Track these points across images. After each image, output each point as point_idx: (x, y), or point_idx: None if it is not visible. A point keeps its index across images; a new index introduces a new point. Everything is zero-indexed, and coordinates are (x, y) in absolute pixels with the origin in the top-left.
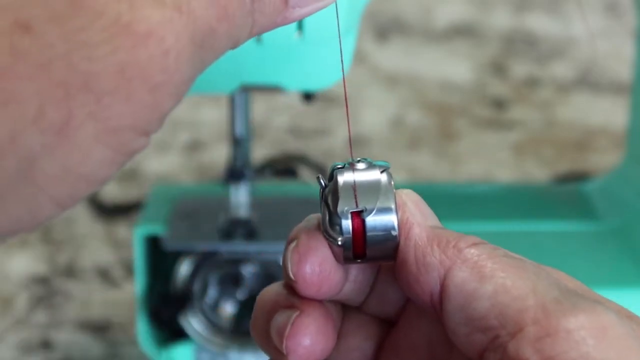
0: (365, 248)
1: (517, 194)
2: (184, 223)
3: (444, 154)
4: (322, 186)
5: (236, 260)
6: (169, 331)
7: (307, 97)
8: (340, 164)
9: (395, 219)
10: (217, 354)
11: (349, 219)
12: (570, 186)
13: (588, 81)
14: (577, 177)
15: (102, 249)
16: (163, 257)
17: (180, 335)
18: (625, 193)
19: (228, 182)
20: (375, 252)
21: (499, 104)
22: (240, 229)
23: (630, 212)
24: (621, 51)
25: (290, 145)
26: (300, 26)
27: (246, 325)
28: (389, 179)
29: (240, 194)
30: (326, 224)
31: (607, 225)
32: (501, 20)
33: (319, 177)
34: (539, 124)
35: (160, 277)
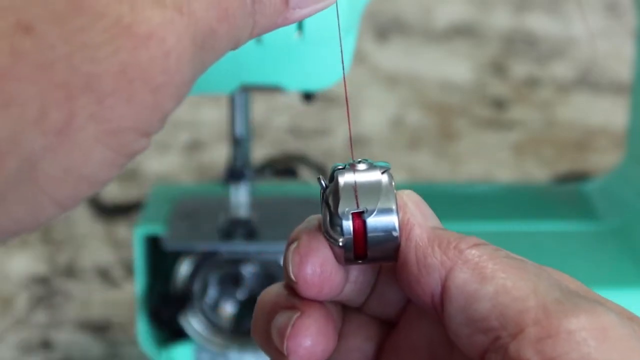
0: (366, 249)
1: (517, 194)
2: (184, 223)
3: (444, 154)
4: (323, 187)
5: (236, 260)
6: (169, 331)
7: (307, 97)
8: (341, 164)
9: (396, 219)
10: (217, 354)
11: (350, 219)
12: (570, 186)
13: (588, 81)
14: (577, 177)
15: (102, 249)
16: (163, 257)
17: (180, 335)
18: (625, 193)
19: (228, 182)
20: (376, 253)
21: (499, 104)
22: (240, 229)
23: (630, 212)
24: (621, 51)
25: (290, 145)
26: (300, 26)
27: (246, 325)
28: (389, 179)
29: (240, 194)
30: (327, 224)
31: (607, 225)
32: (501, 20)
33: (319, 178)
34: (539, 124)
35: (160, 277)
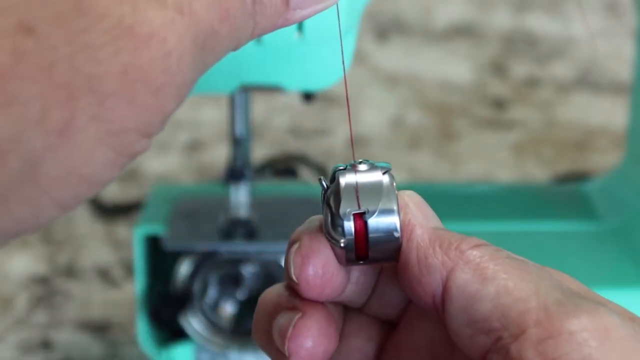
0: (367, 250)
1: (517, 194)
2: (184, 223)
3: (444, 154)
4: (324, 188)
5: (236, 260)
6: (169, 331)
7: (307, 97)
8: (342, 165)
9: (398, 220)
10: (217, 354)
11: (351, 220)
12: (570, 186)
13: (588, 81)
14: (577, 177)
15: (102, 249)
16: (163, 257)
17: (180, 335)
18: (625, 193)
19: (228, 182)
20: (378, 253)
21: (499, 104)
22: (240, 229)
23: (630, 212)
24: (621, 51)
25: (290, 145)
26: (300, 26)
27: (246, 325)
28: (391, 180)
29: (240, 194)
30: (328, 225)
31: (607, 225)
32: (501, 20)
33: (321, 179)
34: (539, 124)
35: (160, 277)
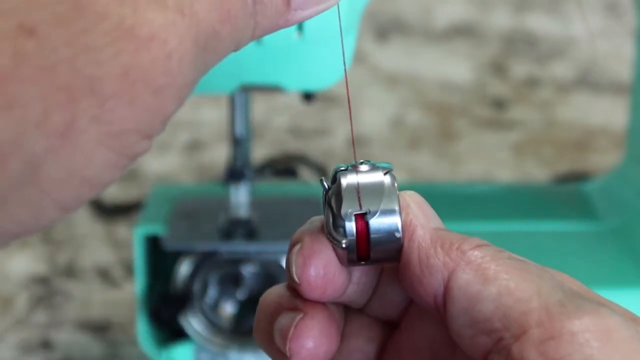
0: (369, 250)
1: (517, 194)
2: (184, 223)
3: (444, 154)
4: (325, 188)
5: (236, 260)
6: (169, 331)
7: (307, 97)
8: (343, 166)
9: (399, 220)
10: (217, 354)
11: (353, 221)
12: (570, 186)
13: (588, 81)
14: (577, 177)
15: (102, 249)
16: (163, 257)
17: (180, 335)
18: (625, 193)
19: (228, 182)
20: (379, 254)
21: (499, 104)
22: (240, 229)
23: (630, 212)
24: (621, 51)
25: (290, 145)
26: (300, 26)
27: (246, 325)
28: (392, 180)
29: (240, 194)
30: (330, 226)
31: (607, 225)
32: (501, 20)
33: (322, 180)
34: (539, 124)
35: (160, 277)
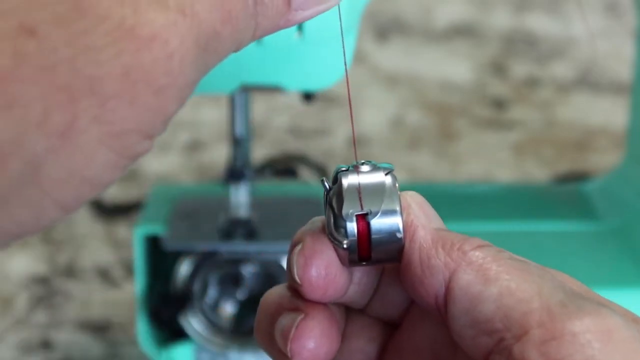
0: (370, 250)
1: (517, 194)
2: (184, 223)
3: (444, 154)
4: (326, 189)
5: (236, 260)
6: (169, 331)
7: (307, 97)
8: (344, 166)
9: (400, 221)
10: (217, 354)
11: (354, 221)
12: (570, 186)
13: (588, 81)
14: (577, 177)
15: (102, 249)
16: (163, 257)
17: (180, 335)
18: (625, 193)
19: (228, 182)
20: (381, 254)
21: (499, 104)
22: (240, 229)
23: (630, 212)
24: (621, 51)
25: (290, 145)
26: (300, 26)
27: (246, 325)
28: (393, 181)
29: (240, 194)
30: (331, 226)
31: (607, 225)
32: (501, 20)
33: (323, 180)
34: (539, 124)
35: (160, 277)
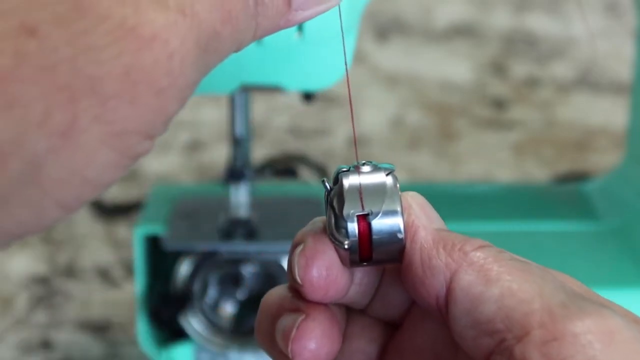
0: (371, 251)
1: (517, 194)
2: (184, 223)
3: (444, 154)
4: (327, 189)
5: (236, 260)
6: (169, 331)
7: (307, 97)
8: (345, 167)
9: (401, 221)
10: (217, 354)
11: (355, 222)
12: (570, 186)
13: (588, 81)
14: (577, 177)
15: (102, 249)
16: (163, 257)
17: (180, 335)
18: (625, 193)
19: (228, 182)
20: (382, 255)
21: (499, 104)
22: (240, 229)
23: (630, 212)
24: (621, 51)
25: (290, 145)
26: (300, 26)
27: (246, 325)
28: (394, 181)
29: (240, 194)
30: (332, 227)
31: (607, 225)
32: (501, 20)
33: (323, 181)
34: (539, 124)
35: (160, 277)
